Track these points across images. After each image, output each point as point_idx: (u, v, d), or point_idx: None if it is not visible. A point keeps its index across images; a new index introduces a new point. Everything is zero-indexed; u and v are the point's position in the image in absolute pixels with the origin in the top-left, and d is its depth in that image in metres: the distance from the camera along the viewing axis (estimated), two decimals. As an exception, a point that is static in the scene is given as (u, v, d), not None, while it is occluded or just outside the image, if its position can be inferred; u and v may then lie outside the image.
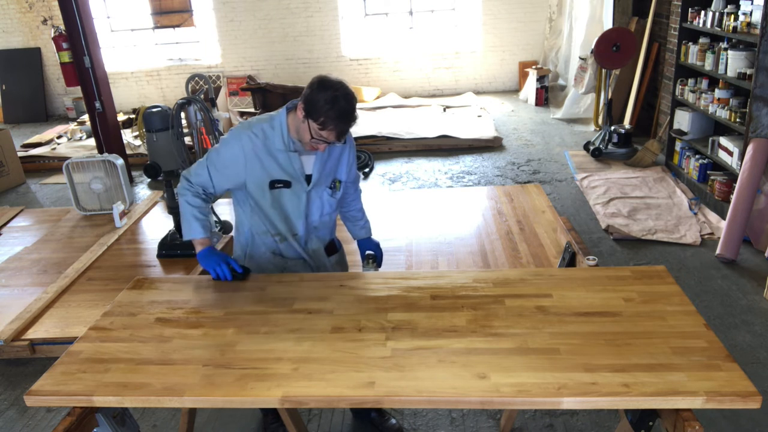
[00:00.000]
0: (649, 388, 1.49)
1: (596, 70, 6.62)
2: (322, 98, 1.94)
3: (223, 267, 2.17)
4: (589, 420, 2.63)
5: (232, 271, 2.18)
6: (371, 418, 2.67)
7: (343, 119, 1.97)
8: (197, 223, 2.20)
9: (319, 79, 1.99)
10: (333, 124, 1.96)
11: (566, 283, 2.02)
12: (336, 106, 1.94)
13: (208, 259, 2.20)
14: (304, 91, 2.01)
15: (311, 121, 1.98)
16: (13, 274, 4.20)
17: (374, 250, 2.53)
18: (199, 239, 2.21)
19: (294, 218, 2.23)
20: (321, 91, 1.95)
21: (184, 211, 2.21)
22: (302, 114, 2.00)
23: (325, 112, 1.94)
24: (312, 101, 1.96)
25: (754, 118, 4.06)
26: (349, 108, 1.98)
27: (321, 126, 1.97)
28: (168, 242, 4.31)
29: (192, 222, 2.20)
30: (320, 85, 1.97)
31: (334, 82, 1.98)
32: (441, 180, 5.74)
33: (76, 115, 9.13)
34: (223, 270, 2.17)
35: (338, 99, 1.95)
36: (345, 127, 2.00)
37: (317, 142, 2.03)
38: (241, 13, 9.10)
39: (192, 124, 4.24)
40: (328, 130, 1.98)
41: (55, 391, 1.63)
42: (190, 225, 2.20)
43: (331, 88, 1.95)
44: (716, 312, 3.35)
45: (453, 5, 9.30)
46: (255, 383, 1.60)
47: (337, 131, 1.99)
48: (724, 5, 4.48)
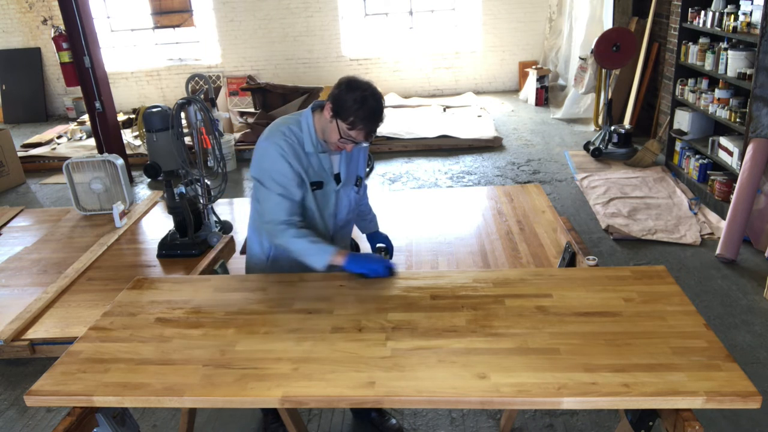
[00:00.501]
0: (649, 388, 1.49)
1: (596, 70, 6.62)
2: (351, 98, 1.95)
3: (378, 265, 2.09)
4: (589, 420, 2.63)
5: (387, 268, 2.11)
6: (371, 418, 2.67)
7: (372, 119, 2.00)
8: (317, 245, 2.07)
9: (347, 80, 2.01)
10: (362, 124, 1.98)
11: (566, 283, 2.02)
12: (365, 106, 1.96)
13: (359, 262, 2.10)
14: (331, 91, 2.02)
15: (340, 121, 1.99)
16: (13, 274, 4.20)
17: (384, 242, 2.52)
18: (333, 254, 2.06)
19: (327, 218, 2.25)
20: (350, 92, 1.97)
21: (298, 248, 2.07)
22: (330, 114, 2.01)
23: (354, 112, 1.96)
24: (341, 101, 1.97)
25: (754, 118, 4.06)
26: (378, 108, 2.00)
27: (350, 126, 1.98)
28: (168, 242, 4.31)
29: (313, 248, 2.06)
30: (349, 86, 1.98)
31: (362, 83, 2.00)
32: (441, 180, 5.74)
33: (76, 115, 9.13)
34: (377, 267, 2.08)
35: (367, 99, 1.97)
36: (374, 127, 2.02)
37: (345, 142, 2.04)
38: (241, 13, 9.10)
39: (192, 124, 4.23)
40: (357, 130, 1.99)
41: (55, 391, 1.63)
42: (316, 250, 2.06)
43: (360, 89, 1.97)
44: (716, 312, 3.35)
45: (453, 5, 9.30)
46: (255, 383, 1.60)
47: (366, 131, 2.01)
48: (724, 5, 4.48)
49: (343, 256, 2.07)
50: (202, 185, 4.28)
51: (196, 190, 4.28)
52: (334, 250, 2.07)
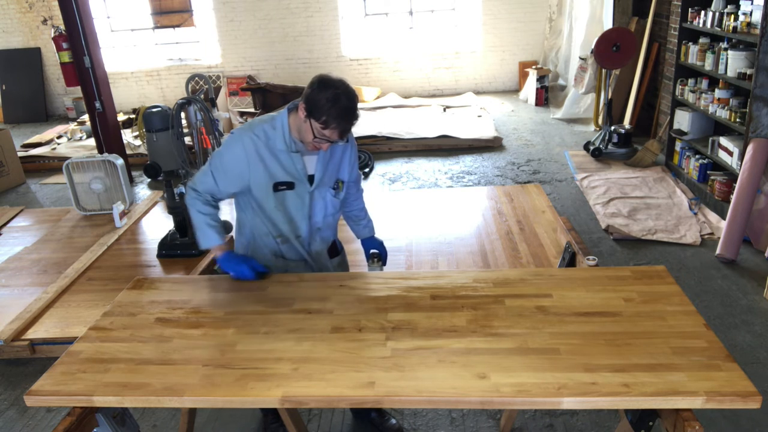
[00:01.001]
0: (649, 388, 1.49)
1: (596, 70, 6.62)
2: (323, 97, 1.94)
3: (244, 268, 2.16)
4: (589, 420, 2.63)
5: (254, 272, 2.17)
6: (371, 418, 2.67)
7: (345, 118, 1.98)
8: (211, 230, 2.20)
9: (319, 78, 1.99)
10: (335, 122, 1.96)
11: (566, 283, 2.02)
12: (338, 104, 1.94)
13: (229, 262, 2.20)
14: (304, 90, 2.00)
15: (313, 121, 1.97)
16: (13, 274, 4.20)
17: (378, 248, 2.51)
18: (216, 246, 2.21)
19: (297, 220, 2.23)
20: (322, 90, 1.95)
21: (197, 220, 2.22)
22: (304, 114, 1.99)
23: (327, 111, 1.94)
24: (313, 100, 1.95)
25: (754, 118, 4.06)
26: (350, 106, 1.98)
27: (323, 125, 1.97)
28: (168, 242, 4.31)
29: (207, 230, 2.20)
30: (321, 84, 1.96)
31: (335, 81, 1.98)
32: (441, 180, 5.74)
33: (76, 115, 9.13)
34: (244, 270, 2.16)
35: (340, 97, 1.95)
36: (347, 125, 2.01)
37: (320, 141, 2.03)
38: (241, 13, 9.10)
39: (192, 124, 4.24)
40: (331, 128, 1.98)
41: (55, 391, 1.63)
42: (205, 233, 2.21)
43: (333, 87, 1.96)
44: (716, 312, 3.35)
45: (453, 5, 9.30)
46: (255, 383, 1.60)
47: (340, 130, 1.99)
48: (724, 5, 4.48)
49: (221, 251, 2.21)
50: (202, 185, 4.28)
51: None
52: (219, 242, 2.20)
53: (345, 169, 2.29)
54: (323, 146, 2.06)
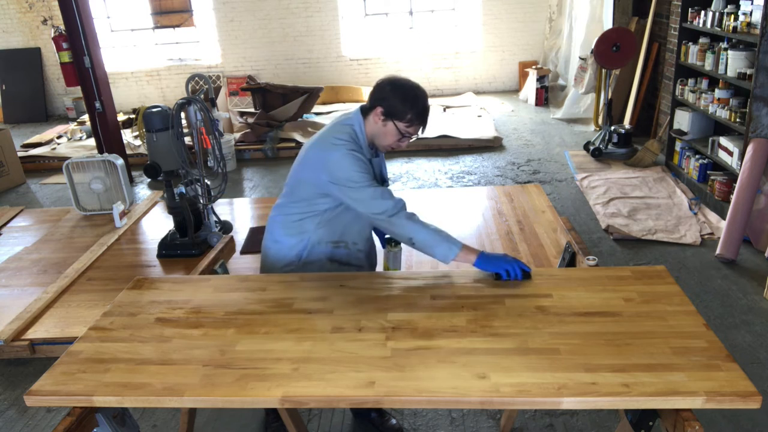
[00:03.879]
0: (649, 388, 1.49)
1: (596, 70, 6.62)
2: (400, 97, 2.07)
3: (514, 266, 2.05)
4: (589, 420, 2.63)
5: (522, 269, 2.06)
6: (371, 419, 2.67)
7: (426, 112, 2.13)
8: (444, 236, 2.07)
9: (390, 81, 2.11)
10: (419, 118, 2.10)
11: (566, 283, 2.02)
12: (418, 102, 2.09)
13: (496, 261, 2.06)
14: (374, 95, 2.11)
15: (397, 122, 2.08)
16: (13, 274, 4.20)
17: None
18: (463, 250, 2.05)
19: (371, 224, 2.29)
20: (397, 91, 2.08)
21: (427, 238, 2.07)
22: (382, 119, 2.09)
23: (410, 110, 2.07)
24: (392, 103, 2.07)
25: (754, 118, 4.06)
26: (426, 99, 2.13)
27: (408, 123, 2.10)
28: (168, 242, 4.31)
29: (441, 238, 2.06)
30: (394, 86, 2.09)
31: (405, 80, 2.13)
32: (441, 180, 5.74)
33: (76, 115, 9.13)
34: (514, 269, 2.04)
35: (418, 95, 2.10)
36: (427, 118, 2.15)
37: (404, 140, 2.13)
38: (241, 13, 9.11)
39: (192, 124, 4.23)
40: (415, 125, 2.11)
41: (55, 391, 1.63)
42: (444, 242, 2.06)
43: (405, 86, 2.10)
44: (716, 312, 3.35)
45: (453, 5, 9.30)
46: (255, 383, 1.60)
47: (423, 125, 2.13)
48: (724, 5, 4.48)
49: (473, 254, 2.05)
50: (202, 185, 4.28)
51: (196, 190, 4.28)
52: (462, 245, 2.06)
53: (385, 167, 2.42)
54: (403, 144, 2.16)
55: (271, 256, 2.36)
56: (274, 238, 2.34)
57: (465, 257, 2.05)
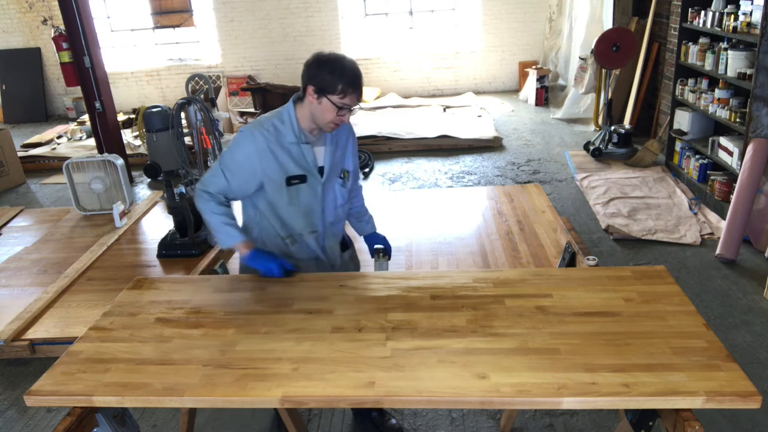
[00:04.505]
0: (649, 388, 1.49)
1: (596, 70, 6.62)
2: (328, 71, 2.02)
3: (273, 265, 2.14)
4: (589, 420, 2.63)
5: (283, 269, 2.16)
6: (372, 418, 2.67)
7: (357, 79, 2.06)
8: (231, 228, 2.18)
9: (314, 58, 2.08)
10: (351, 87, 2.04)
11: (566, 283, 2.02)
12: (346, 70, 2.03)
13: (257, 259, 2.17)
14: (304, 74, 2.08)
15: (330, 96, 2.04)
16: (13, 274, 4.20)
17: (382, 243, 2.52)
18: (240, 243, 2.17)
19: (312, 214, 2.24)
20: (324, 65, 2.04)
21: (213, 221, 2.18)
22: (315, 96, 2.05)
23: (340, 80, 2.01)
24: (320, 78, 2.03)
25: (754, 118, 4.06)
26: (355, 67, 2.07)
27: (342, 94, 2.04)
28: (168, 242, 4.31)
29: (226, 228, 2.18)
30: (319, 61, 2.06)
31: (328, 54, 2.08)
32: (441, 180, 5.74)
33: (76, 115, 9.13)
34: (273, 268, 2.14)
35: (344, 64, 2.04)
36: (360, 85, 2.09)
37: (342, 113, 2.08)
38: (241, 13, 9.10)
39: (192, 124, 4.23)
40: (350, 95, 2.05)
41: (55, 391, 1.63)
42: (225, 232, 2.18)
43: (331, 59, 2.05)
44: (716, 312, 3.35)
45: (453, 5, 9.30)
46: (255, 383, 1.60)
47: (357, 93, 2.07)
48: (724, 5, 4.48)
49: (247, 249, 2.17)
50: (202, 185, 4.28)
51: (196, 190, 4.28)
52: (242, 239, 2.17)
53: (348, 158, 2.34)
54: (345, 117, 2.12)
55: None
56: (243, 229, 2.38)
57: (241, 249, 2.18)
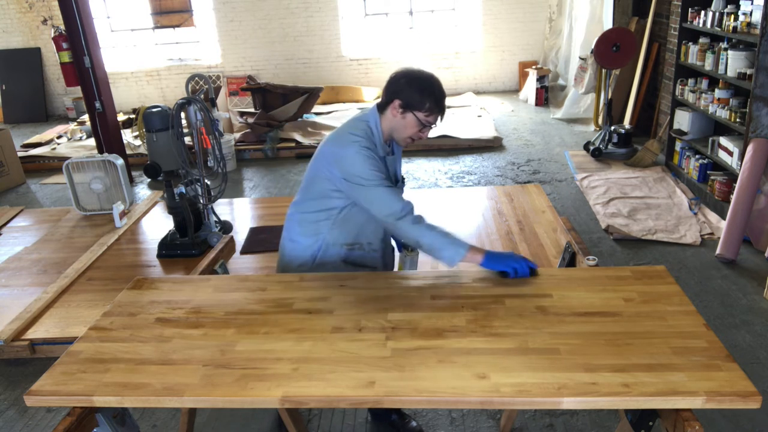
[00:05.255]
0: (649, 388, 1.49)
1: (596, 70, 6.62)
2: (417, 88, 2.07)
3: (522, 264, 2.06)
4: (589, 420, 2.63)
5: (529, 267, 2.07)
6: (391, 421, 2.64)
7: (443, 99, 2.12)
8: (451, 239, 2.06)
9: (403, 73, 2.12)
10: (437, 107, 2.10)
11: (566, 283, 2.02)
12: (434, 90, 2.09)
13: (498, 260, 2.06)
14: (389, 88, 2.11)
15: (417, 113, 2.08)
16: (13, 274, 4.20)
17: None
18: (469, 251, 2.03)
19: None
20: (414, 83, 2.08)
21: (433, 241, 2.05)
22: (400, 111, 2.09)
23: (428, 99, 2.07)
24: (409, 95, 2.07)
25: (754, 118, 4.06)
26: (441, 87, 2.12)
27: (428, 112, 2.09)
28: (168, 242, 4.31)
29: (447, 240, 2.05)
30: (409, 78, 2.09)
31: (418, 71, 2.12)
32: (441, 180, 5.74)
33: (76, 115, 9.13)
34: (522, 266, 2.05)
35: (433, 84, 2.09)
36: (444, 106, 2.14)
37: (424, 130, 2.13)
38: (241, 13, 9.11)
39: (192, 124, 4.23)
40: (434, 114, 2.11)
41: (55, 391, 1.63)
42: (450, 245, 2.04)
43: (420, 77, 2.10)
44: (716, 312, 3.35)
45: (453, 5, 9.30)
46: (255, 383, 1.60)
47: (441, 113, 2.13)
48: (724, 5, 4.48)
49: (480, 254, 2.03)
50: (202, 185, 4.28)
51: (196, 190, 4.28)
52: (468, 246, 2.04)
53: (401, 165, 2.41)
54: (424, 134, 2.16)
55: (287, 255, 2.36)
56: (290, 236, 2.34)
57: (471, 258, 2.04)
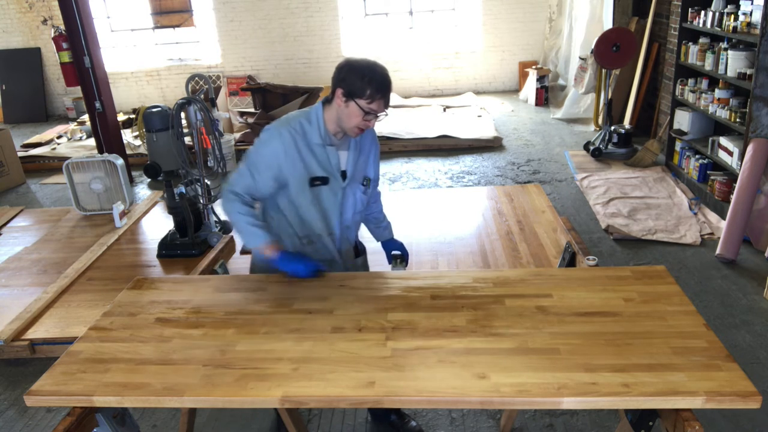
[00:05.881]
0: (649, 388, 1.49)
1: (596, 70, 6.62)
2: (358, 76, 2.01)
3: (301, 266, 2.12)
4: (589, 420, 2.63)
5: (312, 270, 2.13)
6: (391, 422, 2.64)
7: (386, 86, 2.06)
8: (257, 229, 2.13)
9: (346, 62, 2.07)
10: (379, 93, 2.04)
11: (566, 283, 2.02)
12: (376, 76, 2.03)
13: (286, 260, 2.14)
14: (335, 77, 2.07)
15: (358, 100, 2.03)
16: (13, 274, 4.20)
17: (399, 249, 2.51)
18: (266, 244, 2.12)
19: (331, 216, 2.23)
20: (354, 70, 2.03)
21: (239, 221, 2.13)
22: (343, 99, 2.05)
23: (369, 85, 2.01)
24: (350, 82, 2.02)
25: (754, 118, 4.06)
26: (385, 74, 2.07)
27: (369, 99, 2.03)
28: (168, 242, 4.31)
29: (252, 229, 2.13)
30: (350, 66, 2.05)
31: (360, 59, 2.07)
32: (441, 180, 5.74)
33: (76, 115, 9.13)
34: (300, 269, 2.12)
35: (375, 70, 2.04)
36: (389, 92, 2.09)
37: (369, 118, 2.08)
38: (241, 13, 9.10)
39: (192, 124, 4.23)
40: (377, 101, 2.04)
41: (55, 391, 1.63)
42: (251, 233, 2.12)
43: (362, 64, 2.05)
44: (716, 312, 3.35)
45: (453, 5, 9.30)
46: (255, 383, 1.60)
47: (385, 99, 2.07)
48: (724, 5, 4.48)
49: (275, 250, 2.12)
50: (202, 185, 4.28)
51: (196, 190, 4.28)
52: (268, 240, 2.12)
53: (371, 166, 2.34)
54: (371, 123, 2.11)
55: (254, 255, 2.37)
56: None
57: (267, 251, 2.13)
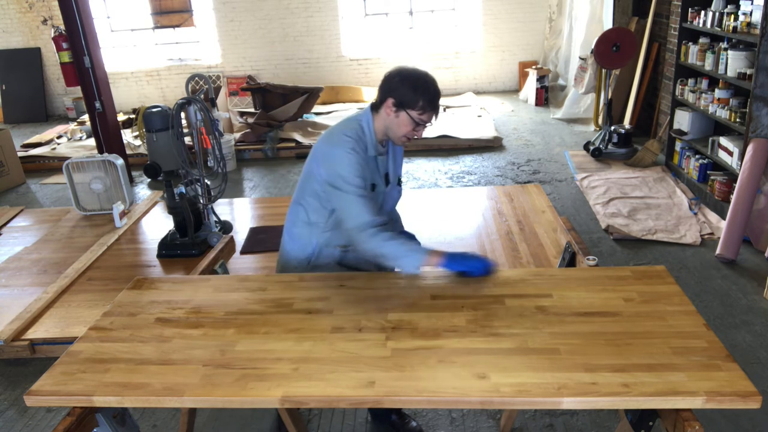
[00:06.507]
0: (649, 388, 1.49)
1: (596, 70, 6.62)
2: (410, 86, 2.05)
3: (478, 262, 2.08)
4: (589, 420, 2.63)
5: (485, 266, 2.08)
6: (391, 421, 2.64)
7: (437, 97, 2.10)
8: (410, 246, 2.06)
9: (397, 71, 2.10)
10: (431, 105, 2.08)
11: (566, 283, 2.02)
12: (428, 88, 2.07)
13: (461, 260, 2.09)
14: (383, 86, 2.10)
15: (410, 111, 2.06)
16: (13, 274, 4.20)
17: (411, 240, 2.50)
18: (428, 255, 2.03)
19: None
20: (406, 81, 2.06)
21: (390, 251, 2.03)
22: (393, 109, 2.08)
23: (421, 97, 2.05)
24: (402, 93, 2.05)
25: (754, 118, 4.06)
26: (436, 86, 2.11)
27: (421, 111, 2.07)
28: (168, 242, 4.31)
29: (406, 249, 2.04)
30: (402, 76, 2.08)
31: (413, 69, 2.10)
32: (441, 180, 5.74)
33: (76, 115, 9.13)
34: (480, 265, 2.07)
35: (427, 82, 2.07)
36: (438, 104, 2.12)
37: (418, 129, 2.12)
38: (241, 13, 9.11)
39: (192, 124, 4.23)
40: (428, 112, 2.09)
41: (55, 391, 1.63)
42: (409, 253, 2.03)
43: (414, 75, 2.08)
44: (716, 312, 3.35)
45: (453, 5, 9.30)
46: (255, 383, 1.60)
47: (435, 111, 2.11)
48: (724, 5, 4.48)
49: (438, 256, 2.04)
50: (202, 185, 4.28)
51: (196, 190, 4.28)
52: (427, 250, 2.05)
53: (400, 166, 2.39)
54: (418, 133, 2.14)
55: (285, 253, 2.37)
56: (290, 234, 2.35)
57: (431, 261, 2.04)
